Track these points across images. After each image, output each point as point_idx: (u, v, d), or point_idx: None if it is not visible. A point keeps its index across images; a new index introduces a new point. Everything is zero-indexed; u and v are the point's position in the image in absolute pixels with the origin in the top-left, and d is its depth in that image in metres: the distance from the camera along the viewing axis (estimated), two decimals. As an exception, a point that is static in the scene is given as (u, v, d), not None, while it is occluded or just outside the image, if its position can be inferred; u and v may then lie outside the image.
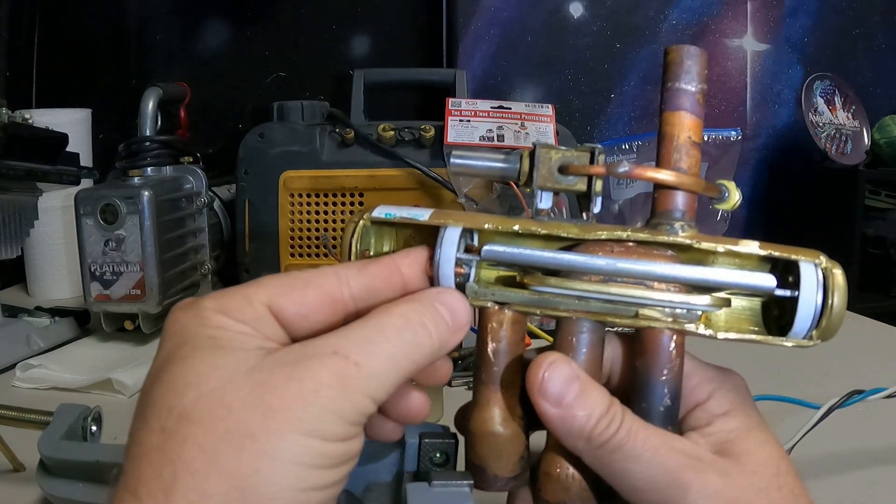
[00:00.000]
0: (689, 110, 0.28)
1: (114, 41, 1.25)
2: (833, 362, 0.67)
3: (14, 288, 1.05)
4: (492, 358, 0.28)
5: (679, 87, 0.28)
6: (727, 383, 0.30)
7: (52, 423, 0.40)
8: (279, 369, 0.23)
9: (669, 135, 0.28)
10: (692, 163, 0.28)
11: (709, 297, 0.27)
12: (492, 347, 0.28)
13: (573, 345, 0.28)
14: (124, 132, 0.98)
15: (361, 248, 0.30)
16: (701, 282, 0.27)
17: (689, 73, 0.28)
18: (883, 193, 1.58)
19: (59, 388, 0.64)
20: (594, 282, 0.27)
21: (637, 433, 0.26)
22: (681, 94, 0.28)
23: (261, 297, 0.25)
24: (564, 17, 1.43)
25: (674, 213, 0.28)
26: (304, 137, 0.86)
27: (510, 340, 0.28)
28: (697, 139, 0.28)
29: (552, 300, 0.28)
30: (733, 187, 0.29)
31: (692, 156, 0.28)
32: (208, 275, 0.81)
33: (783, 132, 1.63)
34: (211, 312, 0.24)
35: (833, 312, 0.26)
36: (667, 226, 0.28)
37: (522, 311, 0.29)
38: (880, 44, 1.65)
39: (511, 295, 0.28)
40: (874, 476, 0.46)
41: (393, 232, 0.31)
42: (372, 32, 1.29)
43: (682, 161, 0.27)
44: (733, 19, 1.55)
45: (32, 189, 0.76)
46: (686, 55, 0.28)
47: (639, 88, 1.50)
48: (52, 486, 0.39)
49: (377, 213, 0.29)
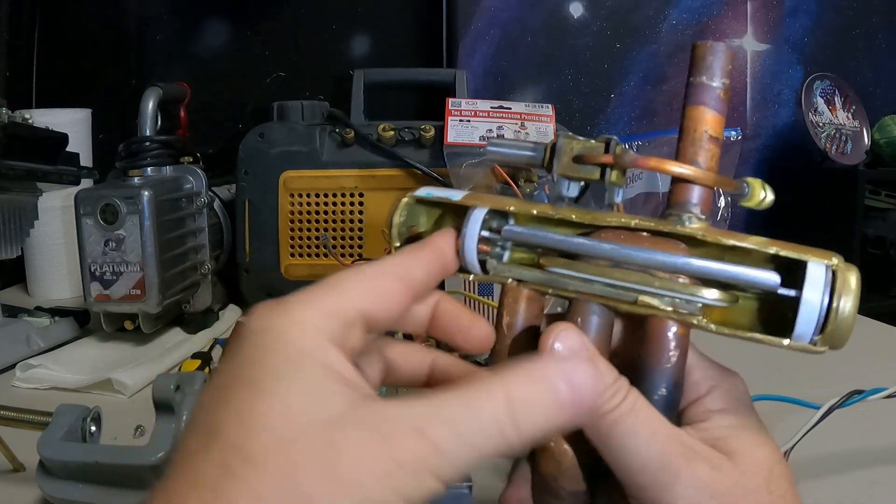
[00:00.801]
0: (710, 106, 0.28)
1: (114, 41, 1.25)
2: (833, 362, 0.67)
3: (14, 288, 1.05)
4: (505, 331, 0.30)
5: (701, 81, 0.28)
6: (726, 382, 0.30)
7: (51, 424, 0.40)
8: (356, 434, 0.21)
9: (688, 129, 0.28)
10: (708, 157, 0.28)
11: (712, 290, 0.27)
12: (507, 321, 0.30)
13: (579, 325, 0.29)
14: (124, 132, 0.98)
15: (409, 224, 0.32)
16: (701, 272, 0.27)
17: (710, 69, 0.29)
18: (883, 193, 1.57)
19: (58, 388, 0.64)
20: (600, 266, 0.28)
21: (640, 411, 0.26)
22: (702, 90, 0.28)
23: (354, 307, 0.24)
24: (564, 17, 1.43)
25: (686, 206, 0.28)
26: (304, 137, 0.86)
27: (525, 317, 0.30)
28: (716, 134, 0.28)
29: (561, 280, 0.29)
30: (758, 185, 0.29)
31: (709, 150, 0.28)
32: (208, 275, 0.81)
33: (783, 132, 1.63)
34: (301, 329, 0.23)
35: (839, 317, 0.25)
36: (677, 217, 0.28)
37: (537, 289, 0.30)
38: (880, 44, 1.65)
39: (525, 273, 0.30)
40: (874, 476, 0.46)
41: (427, 211, 0.33)
42: (372, 32, 1.29)
43: (699, 155, 0.28)
44: (733, 19, 1.55)
45: (32, 189, 0.76)
46: (710, 51, 0.29)
47: (639, 88, 1.50)
48: (52, 487, 0.39)
49: (420, 192, 0.31)
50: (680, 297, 0.27)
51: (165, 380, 0.39)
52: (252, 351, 0.23)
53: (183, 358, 0.70)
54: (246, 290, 0.88)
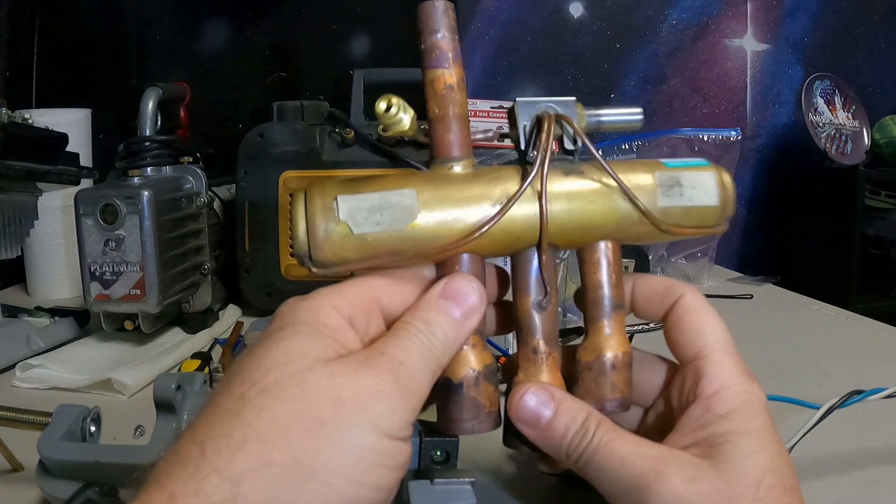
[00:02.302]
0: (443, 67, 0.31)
1: (114, 41, 1.25)
2: (833, 362, 0.67)
3: (14, 288, 1.05)
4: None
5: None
6: (741, 385, 0.30)
7: (51, 424, 0.40)
8: (351, 367, 0.25)
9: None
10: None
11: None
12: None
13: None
14: (124, 132, 0.97)
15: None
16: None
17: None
18: (883, 193, 1.58)
19: (58, 388, 0.64)
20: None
21: (607, 445, 0.28)
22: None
23: (371, 297, 0.29)
24: (564, 17, 1.43)
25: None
26: (304, 137, 0.86)
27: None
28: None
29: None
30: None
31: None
32: (208, 275, 0.81)
33: (783, 132, 1.63)
34: (320, 305, 0.28)
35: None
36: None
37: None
38: (880, 44, 1.65)
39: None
40: (874, 476, 0.46)
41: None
42: (372, 32, 1.29)
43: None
44: (733, 19, 1.55)
45: (32, 189, 0.76)
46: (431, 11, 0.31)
47: (639, 88, 1.50)
48: (52, 487, 0.39)
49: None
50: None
51: (166, 379, 0.39)
52: (276, 321, 0.27)
53: (183, 358, 0.70)
54: (246, 290, 0.88)
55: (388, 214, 0.30)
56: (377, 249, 0.30)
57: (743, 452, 0.27)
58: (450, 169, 0.32)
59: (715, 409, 0.29)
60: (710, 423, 0.29)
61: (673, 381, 0.33)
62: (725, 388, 0.29)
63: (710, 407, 0.29)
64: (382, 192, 0.30)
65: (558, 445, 0.29)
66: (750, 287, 1.00)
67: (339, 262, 0.30)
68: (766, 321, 0.87)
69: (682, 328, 0.32)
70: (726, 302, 0.94)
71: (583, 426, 0.29)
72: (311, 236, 0.30)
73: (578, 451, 0.29)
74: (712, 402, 0.29)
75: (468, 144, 0.32)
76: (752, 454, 0.27)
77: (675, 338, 0.32)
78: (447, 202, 0.31)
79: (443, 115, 0.31)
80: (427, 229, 0.30)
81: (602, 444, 0.28)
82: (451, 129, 0.32)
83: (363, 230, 0.30)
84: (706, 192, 0.33)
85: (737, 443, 0.28)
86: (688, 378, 0.31)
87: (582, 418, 0.29)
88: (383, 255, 0.30)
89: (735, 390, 0.29)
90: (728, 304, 0.93)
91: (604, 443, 0.28)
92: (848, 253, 1.47)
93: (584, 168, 0.33)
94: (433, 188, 0.31)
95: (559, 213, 0.31)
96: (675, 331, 0.32)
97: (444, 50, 0.31)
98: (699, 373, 0.30)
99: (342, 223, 0.30)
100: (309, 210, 0.30)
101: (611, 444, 0.28)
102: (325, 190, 0.31)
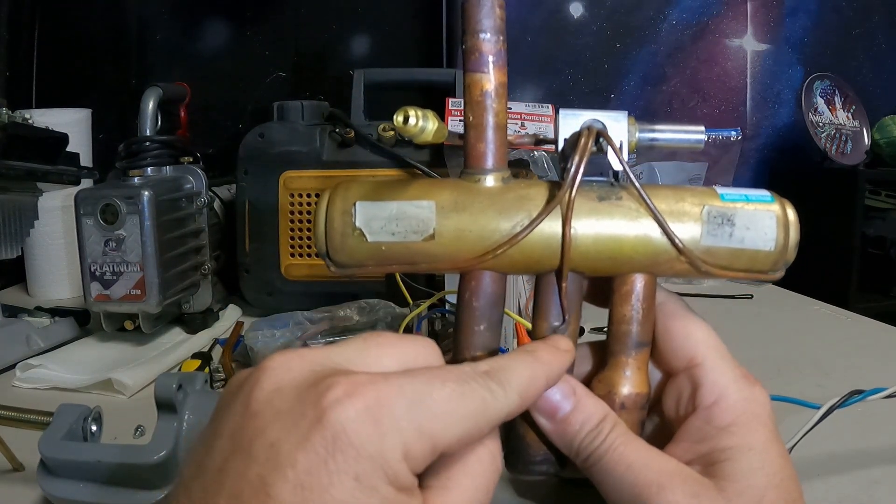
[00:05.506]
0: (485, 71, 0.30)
1: (114, 41, 1.25)
2: (833, 362, 0.67)
3: (14, 288, 1.05)
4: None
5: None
6: (741, 393, 0.29)
7: (52, 424, 0.40)
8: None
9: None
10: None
11: None
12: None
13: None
14: (124, 132, 0.98)
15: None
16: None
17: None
18: (883, 193, 1.58)
19: (59, 388, 0.64)
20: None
21: (617, 449, 0.28)
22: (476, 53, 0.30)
23: (444, 443, 0.23)
24: (564, 17, 1.43)
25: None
26: (305, 137, 0.86)
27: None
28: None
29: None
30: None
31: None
32: (208, 275, 0.81)
33: (783, 132, 1.63)
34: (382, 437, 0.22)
35: None
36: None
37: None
38: (880, 44, 1.65)
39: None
40: (874, 476, 0.46)
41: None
42: (372, 32, 1.29)
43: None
44: (733, 19, 1.55)
45: (32, 189, 0.76)
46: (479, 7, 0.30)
47: (639, 88, 1.50)
48: (53, 487, 0.39)
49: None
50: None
51: (168, 379, 0.39)
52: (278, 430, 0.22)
53: (183, 358, 0.70)
54: (246, 290, 0.88)
55: (403, 225, 0.30)
56: (392, 258, 0.30)
57: (743, 470, 0.27)
58: (478, 181, 0.30)
59: (715, 420, 0.28)
60: (711, 437, 0.28)
61: (667, 391, 0.32)
62: (724, 398, 0.29)
63: (711, 419, 0.29)
64: (401, 201, 0.30)
65: (571, 441, 0.29)
66: (750, 287, 1.00)
67: (356, 265, 0.31)
68: (766, 321, 0.87)
69: (669, 336, 0.31)
70: (726, 302, 0.94)
71: (598, 426, 0.29)
72: (329, 239, 0.30)
73: (589, 449, 0.29)
74: (712, 414, 0.29)
75: (502, 155, 0.30)
76: (753, 472, 0.27)
77: (661, 347, 0.31)
78: (467, 218, 0.30)
79: (477, 122, 0.30)
80: (441, 245, 0.30)
81: (613, 448, 0.28)
82: (484, 138, 0.30)
83: (378, 239, 0.30)
84: (761, 236, 0.30)
85: (738, 459, 0.27)
86: (684, 387, 0.30)
87: (599, 418, 0.29)
88: (398, 263, 0.30)
89: (735, 398, 0.29)
90: (728, 304, 0.93)
91: (615, 446, 0.28)
92: (848, 253, 1.47)
93: (625, 193, 0.30)
94: (455, 201, 0.30)
95: (585, 241, 0.30)
96: (662, 339, 0.31)
97: (484, 53, 0.29)
98: (696, 382, 0.30)
99: (358, 230, 0.30)
100: (329, 213, 0.30)
101: (621, 448, 0.28)
102: (347, 193, 0.31)
